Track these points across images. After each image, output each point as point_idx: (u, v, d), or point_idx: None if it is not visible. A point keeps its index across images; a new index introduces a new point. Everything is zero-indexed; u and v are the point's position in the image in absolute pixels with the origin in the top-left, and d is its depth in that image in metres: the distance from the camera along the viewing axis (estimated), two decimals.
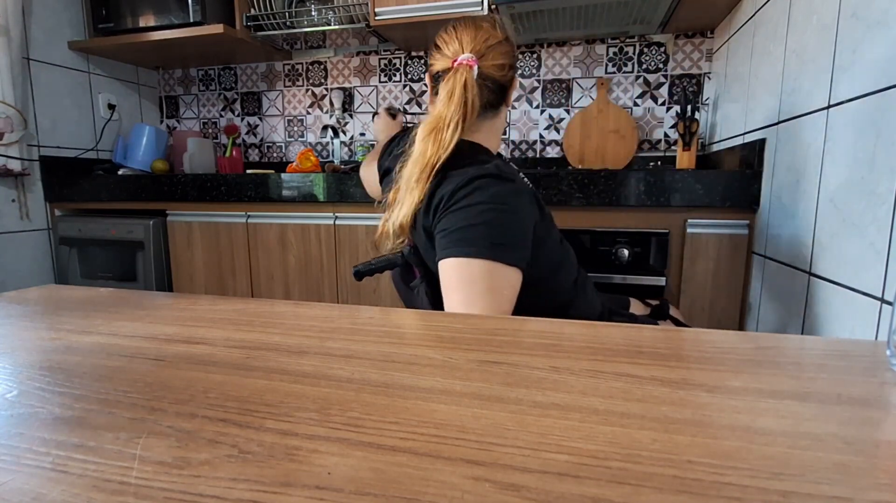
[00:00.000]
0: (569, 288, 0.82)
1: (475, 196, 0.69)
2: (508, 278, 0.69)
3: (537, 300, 0.76)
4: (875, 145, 0.70)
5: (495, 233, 0.68)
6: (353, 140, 2.08)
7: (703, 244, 1.20)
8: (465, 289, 0.67)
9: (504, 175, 0.71)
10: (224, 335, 0.42)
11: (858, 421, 0.27)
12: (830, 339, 0.41)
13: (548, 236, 0.78)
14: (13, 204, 1.76)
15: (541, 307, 0.76)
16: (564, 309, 0.81)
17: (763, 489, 0.21)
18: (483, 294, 0.67)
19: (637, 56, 1.75)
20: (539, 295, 0.76)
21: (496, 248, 0.68)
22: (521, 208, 0.71)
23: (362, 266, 0.86)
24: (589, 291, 0.87)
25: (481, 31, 0.78)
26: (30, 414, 0.29)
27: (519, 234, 0.71)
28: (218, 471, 0.23)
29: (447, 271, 0.69)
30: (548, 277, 0.78)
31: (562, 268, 0.81)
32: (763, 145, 1.12)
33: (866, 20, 0.74)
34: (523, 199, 0.72)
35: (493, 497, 0.21)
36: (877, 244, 0.69)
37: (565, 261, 0.82)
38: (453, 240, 0.69)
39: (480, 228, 0.68)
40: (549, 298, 0.79)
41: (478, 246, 0.67)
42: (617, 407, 0.29)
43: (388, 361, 0.36)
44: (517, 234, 0.70)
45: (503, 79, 0.78)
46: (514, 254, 0.69)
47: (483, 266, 0.67)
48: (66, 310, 0.51)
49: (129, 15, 1.85)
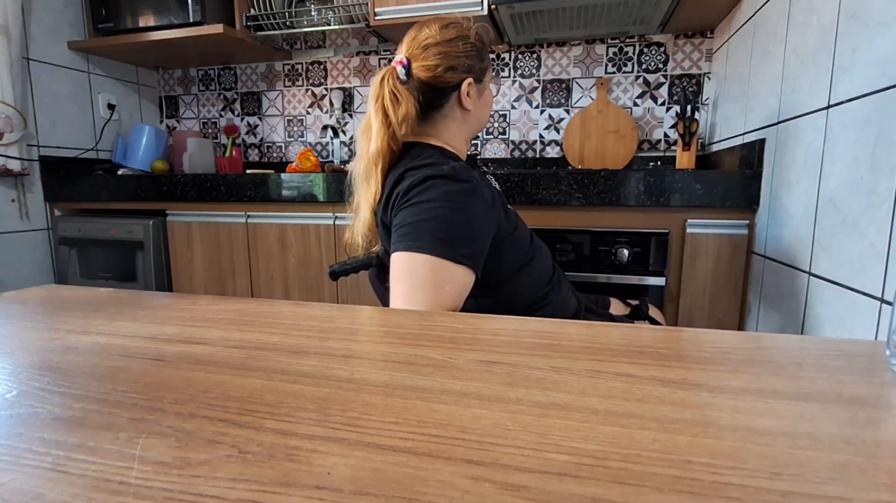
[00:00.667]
0: (540, 287, 0.83)
1: (426, 194, 0.70)
2: (453, 275, 0.69)
3: (505, 299, 0.77)
4: (875, 145, 0.70)
5: (441, 228, 0.69)
6: (353, 140, 2.08)
7: (703, 244, 1.20)
8: (406, 282, 0.68)
9: (458, 176, 0.72)
10: (224, 335, 0.42)
11: (858, 421, 0.27)
12: (830, 339, 0.41)
13: (512, 236, 0.78)
14: (13, 204, 1.76)
15: (509, 306, 0.77)
16: (536, 308, 0.82)
17: (763, 489, 0.21)
18: (423, 288, 0.67)
19: (637, 56, 1.75)
20: (505, 294, 0.77)
21: (441, 243, 0.68)
22: (472, 208, 0.71)
23: (337, 266, 0.87)
24: (564, 290, 0.88)
25: (424, 31, 0.79)
26: (30, 414, 0.29)
27: (467, 232, 0.71)
28: (218, 472, 0.23)
29: (394, 264, 0.70)
30: (513, 278, 0.79)
31: (530, 268, 0.81)
32: (763, 145, 1.12)
33: (866, 20, 0.74)
34: (475, 199, 0.72)
35: (492, 497, 0.21)
36: (876, 244, 0.69)
37: (535, 261, 0.82)
38: (402, 234, 0.70)
39: (428, 224, 0.69)
40: (519, 297, 0.80)
41: (423, 241, 0.68)
42: (617, 407, 0.29)
43: (388, 361, 0.36)
44: (465, 233, 0.70)
45: (434, 80, 0.77)
46: (461, 251, 0.69)
47: (426, 261, 0.68)
48: (65, 311, 0.51)
49: (128, 15, 1.85)
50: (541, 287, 0.83)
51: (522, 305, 0.80)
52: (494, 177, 1.06)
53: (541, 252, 0.85)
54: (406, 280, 0.68)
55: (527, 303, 0.81)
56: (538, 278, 0.83)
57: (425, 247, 0.68)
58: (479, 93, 0.83)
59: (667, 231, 1.21)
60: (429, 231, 0.68)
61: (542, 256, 0.85)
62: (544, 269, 0.84)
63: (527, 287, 0.81)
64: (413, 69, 0.77)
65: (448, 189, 0.70)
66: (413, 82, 0.77)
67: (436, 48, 0.77)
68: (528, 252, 0.81)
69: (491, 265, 0.74)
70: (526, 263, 0.80)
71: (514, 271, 0.79)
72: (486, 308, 0.76)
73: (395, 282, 0.69)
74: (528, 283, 0.81)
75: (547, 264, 0.86)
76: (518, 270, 0.79)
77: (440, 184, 0.71)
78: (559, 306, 0.85)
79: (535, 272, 0.82)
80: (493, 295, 0.77)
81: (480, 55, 0.81)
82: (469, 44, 0.79)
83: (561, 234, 1.28)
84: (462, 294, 0.70)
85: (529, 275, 0.81)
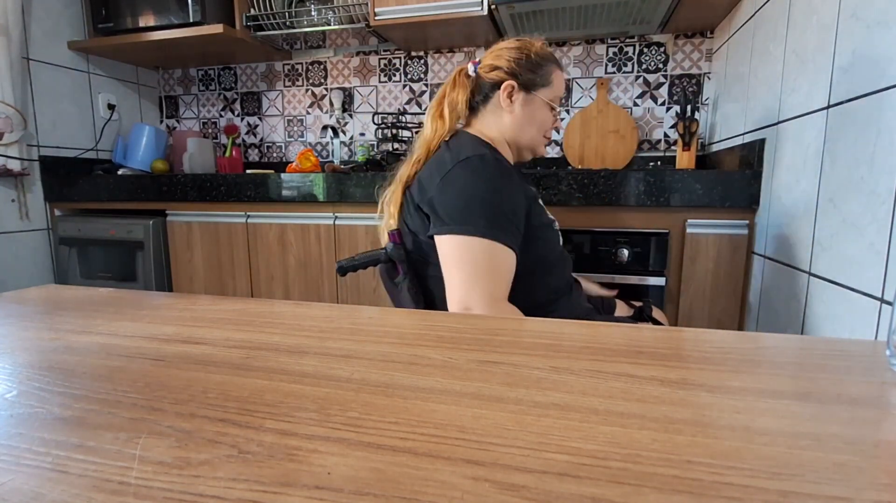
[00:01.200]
0: (554, 292, 0.85)
1: (468, 176, 0.74)
2: (506, 259, 0.72)
3: (520, 294, 0.78)
4: (875, 145, 0.70)
5: (490, 211, 0.72)
6: (353, 140, 2.08)
7: (703, 244, 1.20)
8: (466, 268, 0.70)
9: (493, 158, 0.77)
10: (224, 335, 0.42)
11: (858, 421, 0.27)
12: (830, 339, 0.41)
13: (541, 228, 0.81)
14: (13, 204, 1.76)
15: (522, 303, 0.78)
16: (545, 312, 0.83)
17: (763, 489, 0.21)
18: (483, 275, 0.70)
19: (637, 56, 1.75)
20: (521, 289, 0.78)
21: (493, 226, 0.71)
22: (512, 190, 0.75)
23: (346, 262, 0.88)
24: (574, 297, 0.90)
25: (500, 43, 0.90)
26: (29, 414, 0.29)
27: (511, 216, 0.74)
28: (218, 471, 0.23)
29: (448, 248, 0.73)
30: (535, 274, 0.80)
31: (552, 270, 0.84)
32: (763, 145, 1.12)
33: (866, 20, 0.74)
34: (511, 181, 0.76)
35: (493, 497, 0.21)
36: (876, 244, 0.69)
37: (559, 267, 0.85)
38: (450, 215, 0.73)
39: (478, 206, 0.72)
40: (532, 297, 0.81)
41: (476, 224, 0.70)
42: (617, 407, 0.29)
43: (388, 361, 0.36)
44: (509, 216, 0.74)
45: (483, 76, 0.88)
46: (509, 233, 0.72)
47: (483, 245, 0.70)
48: (65, 311, 0.51)
49: (128, 15, 1.84)
50: (555, 293, 0.85)
51: (533, 305, 0.81)
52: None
53: (567, 262, 0.90)
54: (465, 266, 0.70)
55: (538, 304, 0.82)
56: (557, 284, 0.85)
57: (479, 230, 0.70)
58: (524, 102, 0.87)
59: (667, 231, 1.21)
60: (480, 214, 0.71)
61: (566, 265, 0.89)
62: (564, 278, 0.87)
63: (544, 287, 0.82)
64: (479, 69, 0.88)
65: (491, 173, 0.74)
66: (470, 79, 0.89)
67: (496, 52, 0.89)
68: (557, 253, 0.85)
69: (521, 252, 0.76)
70: (553, 262, 0.83)
71: (538, 266, 0.81)
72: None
73: (453, 269, 0.72)
74: (547, 284, 0.83)
75: (568, 274, 0.90)
76: (543, 267, 0.81)
77: (481, 165, 0.75)
78: (566, 316, 0.86)
79: (555, 276, 0.84)
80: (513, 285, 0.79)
81: (533, 67, 0.87)
82: (524, 54, 0.87)
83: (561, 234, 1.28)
84: (511, 279, 0.73)
85: (550, 277, 0.83)
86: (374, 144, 2.02)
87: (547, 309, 0.83)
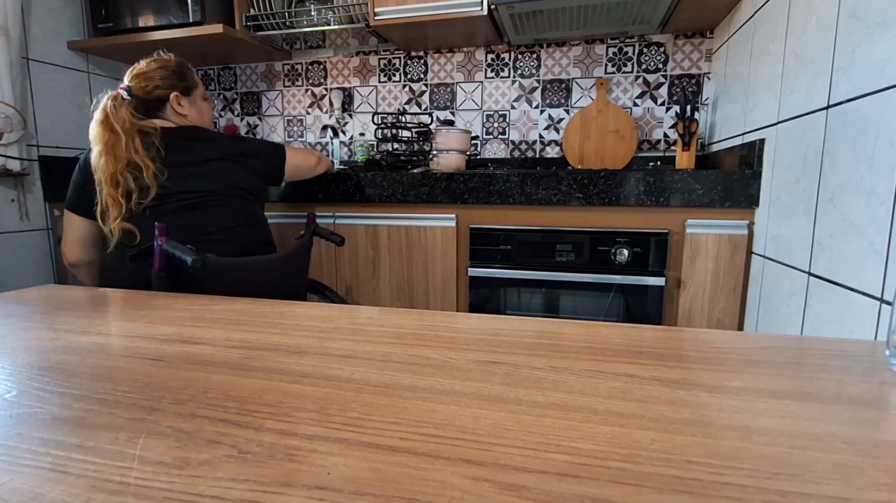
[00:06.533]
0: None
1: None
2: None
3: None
4: (874, 145, 0.70)
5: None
6: (353, 140, 2.08)
7: (703, 244, 1.20)
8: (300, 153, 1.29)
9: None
10: (223, 335, 0.42)
11: (858, 421, 0.27)
12: (830, 339, 0.41)
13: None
14: (12, 204, 1.76)
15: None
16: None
17: (762, 489, 0.21)
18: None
19: (636, 56, 1.75)
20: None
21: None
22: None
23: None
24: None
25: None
26: (29, 414, 0.28)
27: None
28: (217, 472, 0.22)
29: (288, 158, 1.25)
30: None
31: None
32: (762, 145, 1.12)
33: (866, 20, 0.74)
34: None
35: (492, 497, 0.21)
36: (876, 244, 0.69)
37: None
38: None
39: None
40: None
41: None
42: (617, 407, 0.29)
43: (388, 361, 0.36)
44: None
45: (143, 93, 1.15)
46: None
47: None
48: (65, 311, 0.51)
49: (128, 15, 1.84)
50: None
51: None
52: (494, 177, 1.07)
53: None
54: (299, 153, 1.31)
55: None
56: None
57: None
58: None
59: (666, 231, 1.21)
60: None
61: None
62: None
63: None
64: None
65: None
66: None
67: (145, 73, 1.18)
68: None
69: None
70: None
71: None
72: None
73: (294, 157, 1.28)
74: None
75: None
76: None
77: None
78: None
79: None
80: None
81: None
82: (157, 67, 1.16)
83: (561, 234, 1.28)
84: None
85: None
86: (374, 144, 2.02)
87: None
